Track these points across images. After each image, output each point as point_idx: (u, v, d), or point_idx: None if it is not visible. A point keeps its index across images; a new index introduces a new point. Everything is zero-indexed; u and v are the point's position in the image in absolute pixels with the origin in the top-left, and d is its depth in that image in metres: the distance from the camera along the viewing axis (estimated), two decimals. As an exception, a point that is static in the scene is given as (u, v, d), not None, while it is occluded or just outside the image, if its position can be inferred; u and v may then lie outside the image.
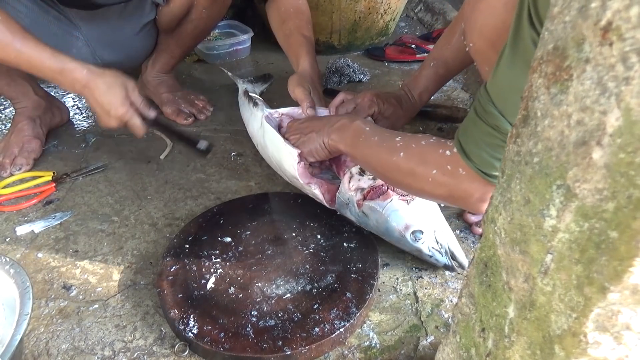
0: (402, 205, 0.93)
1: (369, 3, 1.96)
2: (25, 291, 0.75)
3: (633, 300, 0.30)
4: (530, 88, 0.36)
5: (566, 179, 0.32)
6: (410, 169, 0.80)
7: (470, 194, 0.73)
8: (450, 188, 0.75)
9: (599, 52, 0.28)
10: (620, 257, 0.29)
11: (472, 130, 0.70)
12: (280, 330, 0.81)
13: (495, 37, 0.80)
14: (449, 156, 0.75)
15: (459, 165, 0.73)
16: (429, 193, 0.81)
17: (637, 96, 0.26)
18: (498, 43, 0.80)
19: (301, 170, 1.02)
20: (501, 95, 0.63)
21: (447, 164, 0.74)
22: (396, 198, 0.94)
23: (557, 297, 0.34)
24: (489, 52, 0.83)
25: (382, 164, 0.86)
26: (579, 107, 0.30)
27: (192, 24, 1.44)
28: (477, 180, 0.71)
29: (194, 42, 1.57)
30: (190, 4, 1.38)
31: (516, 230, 0.37)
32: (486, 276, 0.43)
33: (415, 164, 0.80)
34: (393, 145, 0.84)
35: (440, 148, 0.77)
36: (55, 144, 1.46)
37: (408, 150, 0.82)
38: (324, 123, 1.01)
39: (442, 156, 0.76)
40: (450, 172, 0.74)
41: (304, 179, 1.02)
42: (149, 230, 1.10)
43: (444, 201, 0.83)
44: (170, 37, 1.49)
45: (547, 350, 0.36)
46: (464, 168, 0.72)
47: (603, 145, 0.29)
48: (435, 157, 0.77)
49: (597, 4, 0.28)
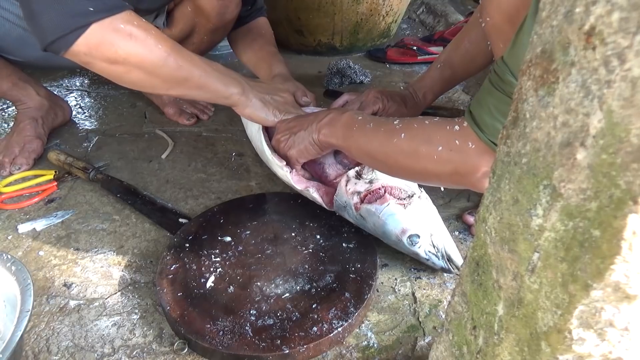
0: (399, 209, 0.94)
1: (371, 5, 1.97)
2: (26, 288, 0.76)
3: (615, 297, 0.30)
4: (520, 90, 0.37)
5: (552, 179, 0.33)
6: (413, 149, 0.78)
7: (477, 168, 0.71)
8: (457, 164, 0.74)
9: (583, 55, 0.29)
10: (603, 255, 0.29)
11: (487, 101, 0.68)
12: (278, 329, 0.82)
13: (514, 11, 0.79)
14: (457, 131, 0.73)
15: (468, 139, 0.71)
16: (433, 172, 0.78)
17: (618, 99, 0.27)
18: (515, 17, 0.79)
19: (295, 178, 1.02)
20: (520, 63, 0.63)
21: (455, 138, 0.73)
22: (393, 202, 0.94)
23: (544, 295, 0.34)
24: (506, 26, 0.82)
25: (381, 149, 0.84)
26: (564, 109, 0.31)
27: (193, 46, 1.43)
28: (487, 153, 0.70)
29: None
30: (191, 30, 1.38)
31: (505, 230, 0.38)
32: (478, 275, 0.44)
33: (419, 143, 0.78)
34: (392, 129, 0.82)
35: (447, 125, 0.75)
36: (57, 143, 1.47)
37: (409, 130, 0.80)
38: (312, 119, 1.00)
39: (450, 132, 0.74)
40: (458, 147, 0.72)
41: (300, 186, 1.02)
42: (150, 229, 1.11)
43: (446, 181, 0.80)
44: None
45: (534, 346, 0.36)
46: (474, 141, 0.70)
47: (586, 147, 0.30)
48: (442, 133, 0.75)
49: (581, 9, 0.29)
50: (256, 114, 1.09)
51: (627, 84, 0.27)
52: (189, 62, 0.97)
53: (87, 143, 1.48)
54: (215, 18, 1.31)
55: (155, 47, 0.91)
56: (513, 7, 0.79)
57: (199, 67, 0.99)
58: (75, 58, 0.88)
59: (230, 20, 1.36)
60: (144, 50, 0.90)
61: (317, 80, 1.88)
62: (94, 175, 1.25)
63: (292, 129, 1.03)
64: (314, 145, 0.99)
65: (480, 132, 0.69)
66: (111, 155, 1.41)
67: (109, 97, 1.78)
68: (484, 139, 0.69)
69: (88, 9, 0.82)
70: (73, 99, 1.76)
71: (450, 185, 0.83)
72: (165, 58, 0.92)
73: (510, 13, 0.80)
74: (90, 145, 1.47)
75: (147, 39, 0.90)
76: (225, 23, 1.35)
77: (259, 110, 1.09)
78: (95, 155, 1.41)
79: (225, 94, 1.05)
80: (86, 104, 1.73)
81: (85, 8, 0.82)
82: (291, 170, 1.01)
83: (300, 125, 1.02)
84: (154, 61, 0.92)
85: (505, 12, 0.81)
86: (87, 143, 1.48)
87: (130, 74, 0.93)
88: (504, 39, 0.84)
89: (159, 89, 0.99)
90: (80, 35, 0.84)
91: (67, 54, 0.86)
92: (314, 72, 1.97)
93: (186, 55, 0.97)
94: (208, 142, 1.47)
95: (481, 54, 1.17)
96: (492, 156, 0.69)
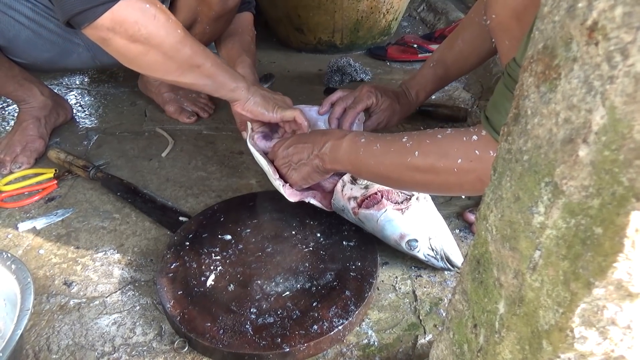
0: (396, 215, 0.94)
1: (372, 2, 1.96)
2: (27, 287, 0.76)
3: (617, 295, 0.30)
4: (521, 87, 0.37)
5: (554, 176, 0.32)
6: (430, 165, 0.78)
7: None
8: (479, 173, 0.73)
9: (586, 51, 0.29)
10: (605, 252, 0.29)
11: (503, 105, 0.67)
12: (279, 327, 0.81)
13: (521, 8, 0.78)
14: (476, 141, 0.72)
15: (488, 147, 0.71)
16: (455, 184, 0.78)
17: (621, 95, 0.27)
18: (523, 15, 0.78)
19: (288, 191, 1.01)
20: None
21: (475, 149, 0.72)
22: (390, 208, 0.94)
23: (545, 293, 0.34)
24: (512, 24, 0.81)
25: (395, 169, 0.83)
26: (567, 105, 0.31)
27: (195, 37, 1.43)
28: None
29: None
30: (193, 20, 1.38)
31: (506, 227, 0.38)
32: (478, 273, 0.44)
33: (436, 159, 0.77)
34: (402, 147, 0.81)
35: (463, 136, 0.74)
36: (58, 141, 1.47)
37: (422, 147, 0.79)
38: (310, 146, 0.97)
39: (468, 143, 0.73)
40: (479, 157, 0.72)
41: (293, 199, 1.01)
42: (150, 228, 1.11)
43: (469, 190, 0.79)
44: None
45: (536, 345, 0.36)
46: (495, 149, 0.68)
47: (589, 143, 0.29)
48: (458, 146, 0.74)
49: (584, 4, 0.29)
50: (257, 108, 1.10)
51: (630, 79, 0.26)
52: (202, 50, 1.01)
53: (87, 141, 1.47)
54: (218, 5, 1.31)
55: (175, 32, 0.95)
56: (520, 3, 0.78)
57: (210, 58, 1.03)
58: (97, 32, 0.90)
59: (232, 8, 1.36)
60: (165, 33, 0.94)
61: (318, 79, 1.88)
62: (94, 173, 1.25)
63: (290, 156, 1.01)
64: (319, 172, 0.98)
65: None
66: (111, 153, 1.41)
67: (109, 95, 1.78)
68: None
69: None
70: (73, 97, 1.76)
71: (474, 193, 0.82)
72: (184, 43, 0.97)
73: (518, 9, 0.79)
74: (91, 143, 1.46)
75: (168, 23, 0.94)
76: (227, 11, 1.35)
77: (259, 105, 1.10)
78: (96, 154, 1.41)
79: (232, 87, 1.07)
80: (86, 102, 1.73)
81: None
82: (284, 184, 1.00)
83: (300, 155, 0.99)
84: (173, 44, 0.95)
85: (512, 9, 0.80)
86: (87, 141, 1.47)
87: (147, 55, 0.96)
88: (510, 37, 0.83)
89: (171, 73, 1.01)
90: (108, 10, 0.86)
91: (90, 26, 0.88)
92: (314, 70, 1.97)
93: (199, 44, 1.01)
94: (208, 140, 1.46)
95: (474, 53, 1.17)
96: None
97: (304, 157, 0.98)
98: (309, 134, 1.05)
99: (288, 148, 1.02)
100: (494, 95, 0.70)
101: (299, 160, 0.99)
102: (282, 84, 1.82)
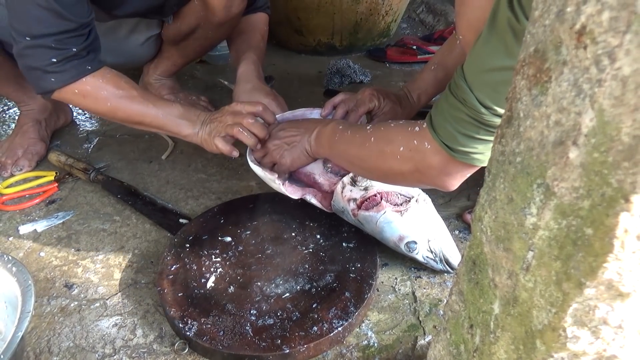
0: (395, 217, 0.94)
1: (371, 4, 1.97)
2: (28, 289, 0.76)
3: (608, 295, 0.31)
4: (514, 90, 0.37)
5: (546, 177, 0.33)
6: (379, 150, 0.83)
7: (432, 166, 0.75)
8: (416, 162, 0.77)
9: (575, 54, 0.29)
10: (595, 253, 0.30)
11: (442, 104, 0.72)
12: (279, 329, 0.82)
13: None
14: (417, 131, 0.77)
15: (425, 138, 0.75)
16: (398, 171, 0.82)
17: (609, 97, 0.27)
18: None
19: (289, 189, 1.01)
20: (472, 70, 0.66)
21: (414, 138, 0.77)
22: (389, 210, 0.95)
23: (538, 293, 0.35)
24: None
25: (357, 154, 0.88)
26: (557, 108, 0.31)
27: (197, 41, 1.44)
28: (440, 154, 0.73)
29: (197, 56, 1.58)
30: (197, 24, 1.38)
31: (500, 228, 0.38)
32: (474, 274, 0.44)
33: (384, 144, 0.82)
34: (364, 134, 0.86)
35: (409, 126, 0.79)
36: (58, 144, 1.48)
37: (377, 133, 0.84)
38: (304, 132, 1.03)
39: (411, 132, 0.78)
40: (416, 147, 0.76)
41: (295, 195, 1.02)
42: (150, 230, 1.12)
43: (410, 180, 0.84)
44: (174, 48, 1.49)
45: (530, 345, 0.36)
46: (430, 141, 0.74)
47: (579, 145, 0.30)
48: (403, 134, 0.79)
49: (573, 9, 0.29)
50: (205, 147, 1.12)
51: (617, 82, 0.27)
52: (142, 110, 1.11)
53: (88, 144, 1.48)
54: (222, 12, 1.31)
55: (105, 104, 1.09)
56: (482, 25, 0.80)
57: (152, 114, 1.11)
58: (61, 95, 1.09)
59: (236, 15, 1.36)
60: (95, 107, 1.10)
61: (317, 80, 1.88)
62: (94, 176, 1.25)
63: (285, 138, 1.05)
64: (306, 155, 1.03)
65: (434, 133, 0.73)
66: (111, 156, 1.41)
67: (109, 98, 1.78)
68: (437, 139, 0.72)
69: (51, 80, 1.04)
70: (74, 101, 1.76)
71: (415, 184, 0.88)
72: (114, 111, 1.10)
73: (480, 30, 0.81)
74: (91, 146, 1.47)
75: (98, 99, 1.09)
76: (231, 18, 1.35)
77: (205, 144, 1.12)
78: (96, 156, 1.41)
79: (180, 135, 1.13)
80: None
81: (49, 80, 1.04)
82: (284, 183, 1.01)
83: (293, 137, 1.04)
84: (106, 113, 1.12)
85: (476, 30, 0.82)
86: (88, 144, 1.48)
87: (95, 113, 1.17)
88: None
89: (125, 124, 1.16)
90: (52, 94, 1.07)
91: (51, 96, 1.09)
92: (313, 72, 1.97)
93: (142, 103, 1.11)
94: (208, 143, 1.47)
95: None
96: (445, 156, 0.73)
97: (296, 140, 1.03)
98: (302, 121, 1.10)
99: (281, 130, 1.07)
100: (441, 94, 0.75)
101: (291, 143, 1.04)
102: (282, 86, 1.82)
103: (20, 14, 1.02)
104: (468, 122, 0.67)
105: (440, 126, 0.72)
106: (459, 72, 0.69)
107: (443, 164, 0.74)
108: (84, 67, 1.06)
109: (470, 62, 0.67)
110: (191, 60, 1.58)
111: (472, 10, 0.80)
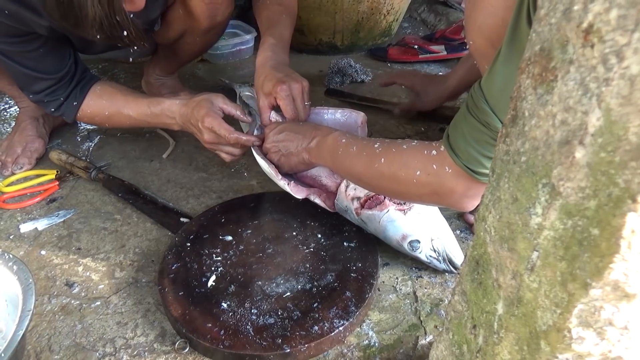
0: (399, 215, 0.94)
1: (372, 3, 1.96)
2: (28, 288, 0.76)
3: (614, 296, 0.30)
4: (519, 89, 0.37)
5: (551, 177, 0.32)
6: (393, 173, 0.81)
7: (454, 190, 0.74)
8: (435, 187, 0.76)
9: (582, 53, 0.29)
10: (601, 253, 0.29)
11: (462, 126, 0.70)
12: (279, 328, 0.82)
13: (495, 36, 0.80)
14: (434, 155, 0.76)
15: (445, 163, 0.73)
16: (414, 194, 0.81)
17: (616, 97, 0.27)
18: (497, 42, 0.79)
19: (294, 189, 1.01)
20: (494, 92, 0.64)
21: (433, 163, 0.75)
22: (393, 208, 0.94)
23: (543, 294, 0.34)
24: (488, 50, 0.83)
25: (364, 172, 0.87)
26: (563, 107, 0.31)
27: (187, 45, 1.43)
28: (463, 177, 0.72)
29: (190, 58, 1.56)
30: (183, 32, 1.37)
31: (504, 228, 0.38)
32: (477, 274, 0.44)
33: (398, 168, 0.80)
34: (372, 153, 0.85)
35: (425, 149, 0.78)
36: (59, 142, 1.48)
37: (388, 155, 0.82)
38: (300, 140, 1.01)
39: (428, 157, 0.76)
40: (435, 172, 0.75)
41: (300, 195, 1.02)
42: (151, 229, 1.12)
43: (428, 201, 0.84)
44: (169, 49, 1.48)
45: (534, 345, 0.36)
46: (450, 165, 0.73)
47: (585, 145, 0.29)
48: (419, 158, 0.78)
49: (580, 7, 0.29)
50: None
51: (625, 81, 0.26)
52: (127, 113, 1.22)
53: (89, 143, 1.48)
54: (206, 21, 1.31)
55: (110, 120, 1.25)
56: (494, 31, 0.79)
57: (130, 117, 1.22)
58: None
59: (222, 22, 1.36)
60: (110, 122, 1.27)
61: (318, 80, 1.88)
62: (95, 174, 1.25)
63: (280, 142, 1.05)
64: (304, 164, 1.03)
65: (455, 156, 0.71)
66: (112, 154, 1.41)
67: (110, 96, 1.77)
68: (459, 163, 0.71)
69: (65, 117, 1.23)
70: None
71: (432, 204, 0.88)
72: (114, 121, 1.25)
73: (492, 37, 0.80)
74: (92, 144, 1.47)
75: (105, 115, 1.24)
76: (216, 24, 1.35)
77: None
78: (97, 155, 1.41)
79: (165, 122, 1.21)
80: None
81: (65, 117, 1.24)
82: (289, 182, 1.01)
83: (290, 141, 1.03)
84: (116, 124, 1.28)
85: (487, 37, 0.82)
86: (89, 143, 1.48)
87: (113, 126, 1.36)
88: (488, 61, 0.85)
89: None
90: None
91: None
92: (315, 72, 1.97)
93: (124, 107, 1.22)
94: (209, 142, 1.46)
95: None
96: (468, 179, 0.71)
97: (292, 147, 1.02)
98: (301, 125, 1.07)
99: (280, 133, 1.06)
100: (458, 113, 0.73)
101: (287, 150, 1.03)
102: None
103: (14, 75, 1.17)
104: (493, 145, 0.66)
105: (461, 149, 0.70)
106: (477, 92, 0.67)
107: (466, 187, 0.73)
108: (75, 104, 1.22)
109: (490, 83, 0.65)
110: (187, 61, 1.57)
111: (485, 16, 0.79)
